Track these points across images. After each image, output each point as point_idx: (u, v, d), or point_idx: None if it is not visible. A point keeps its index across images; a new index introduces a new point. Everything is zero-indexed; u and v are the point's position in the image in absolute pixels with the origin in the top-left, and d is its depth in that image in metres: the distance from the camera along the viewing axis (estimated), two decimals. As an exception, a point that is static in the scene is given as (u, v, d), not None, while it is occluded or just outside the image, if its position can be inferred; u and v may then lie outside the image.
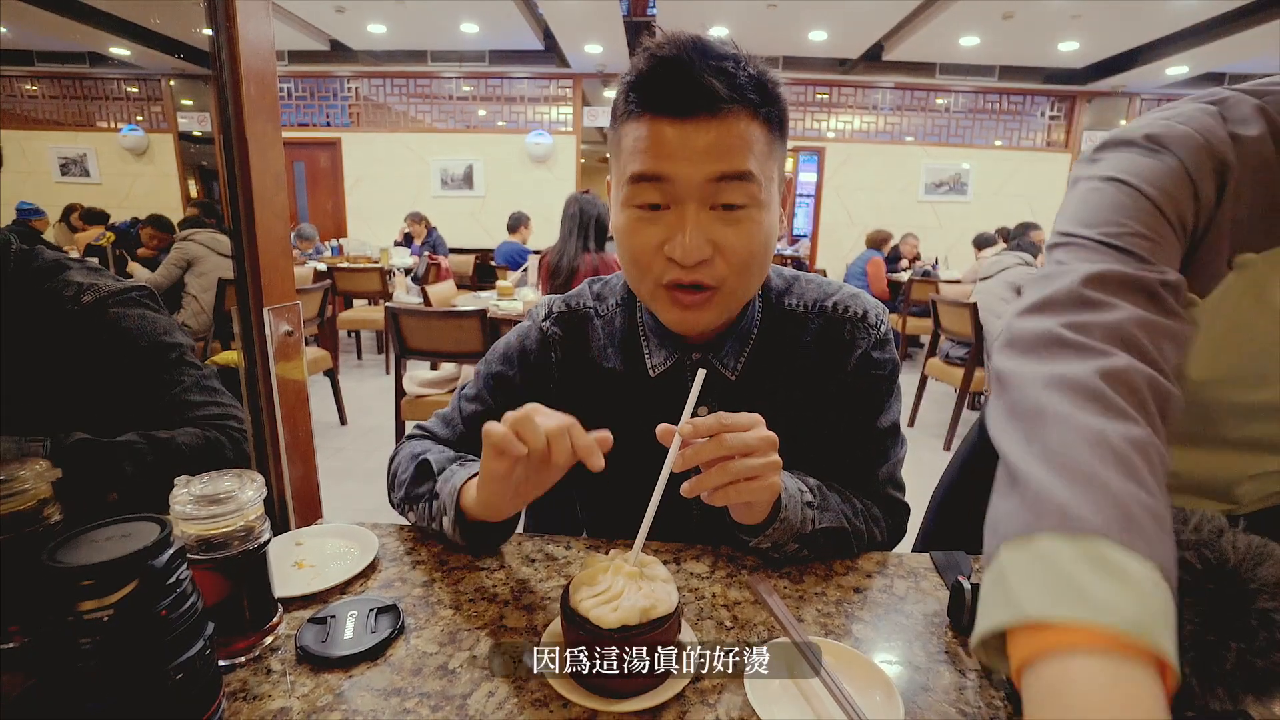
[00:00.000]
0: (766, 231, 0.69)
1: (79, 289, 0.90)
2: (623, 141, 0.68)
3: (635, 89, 0.66)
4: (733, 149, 0.64)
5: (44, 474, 0.56)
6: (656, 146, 0.64)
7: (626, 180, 0.67)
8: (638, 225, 0.68)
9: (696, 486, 0.59)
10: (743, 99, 0.64)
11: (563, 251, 2.83)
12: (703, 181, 0.64)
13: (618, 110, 0.69)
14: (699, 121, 0.63)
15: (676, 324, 0.73)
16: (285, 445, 0.82)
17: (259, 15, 0.76)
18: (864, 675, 0.54)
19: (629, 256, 0.71)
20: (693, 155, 0.63)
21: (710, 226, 0.66)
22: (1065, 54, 6.93)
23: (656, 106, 0.64)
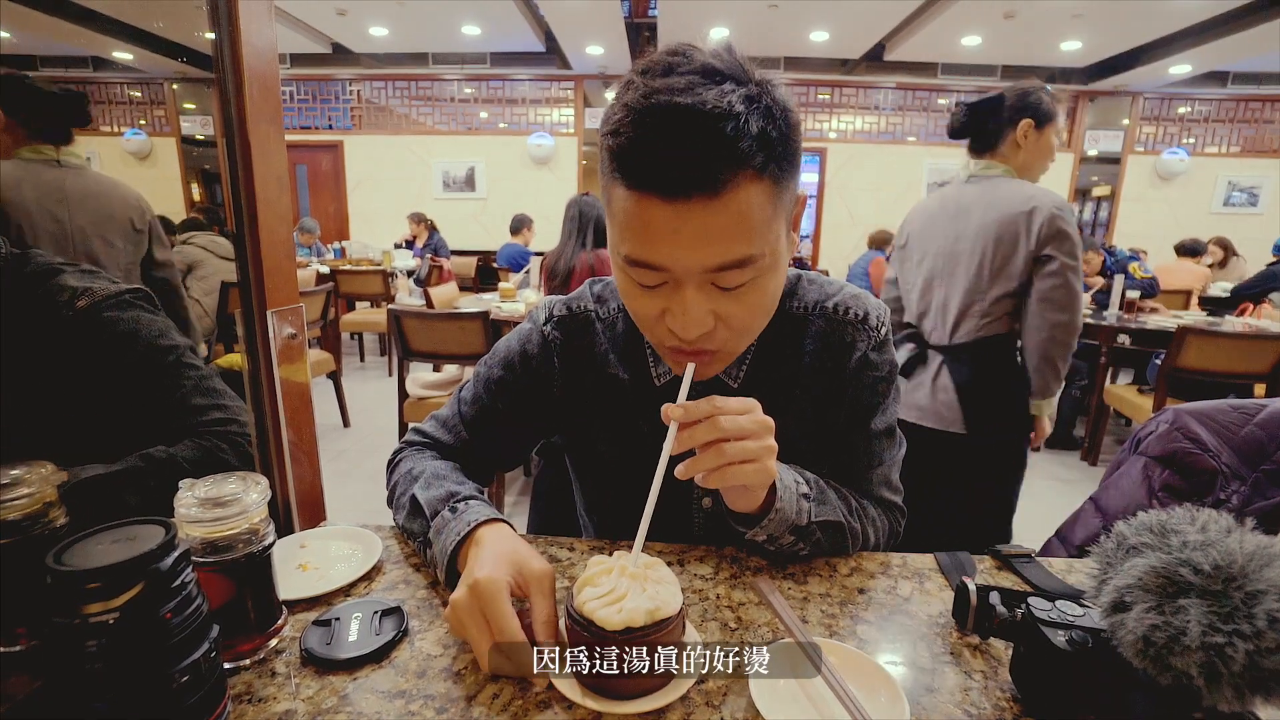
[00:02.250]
0: (772, 291, 0.65)
1: (74, 293, 0.89)
2: (613, 204, 0.61)
3: (618, 159, 0.57)
4: (732, 233, 0.57)
5: (49, 477, 0.57)
6: (647, 231, 0.57)
7: (621, 257, 0.62)
8: (635, 294, 0.64)
9: (691, 468, 0.59)
10: (744, 167, 0.55)
11: (561, 253, 2.84)
12: (700, 270, 0.59)
13: (604, 166, 0.61)
14: (693, 203, 0.55)
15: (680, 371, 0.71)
16: (289, 448, 0.82)
17: (261, 18, 0.76)
18: (868, 676, 0.54)
19: (631, 314, 0.68)
20: (687, 242, 0.57)
21: (711, 300, 0.61)
22: (1067, 53, 6.92)
23: (643, 184, 0.56)
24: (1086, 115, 7.82)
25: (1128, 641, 0.44)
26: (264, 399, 0.80)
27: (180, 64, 7.31)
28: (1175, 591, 0.44)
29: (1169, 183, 7.90)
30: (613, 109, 0.58)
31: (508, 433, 0.87)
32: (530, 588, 0.58)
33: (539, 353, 0.84)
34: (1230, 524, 0.47)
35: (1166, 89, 7.65)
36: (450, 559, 0.65)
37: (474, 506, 0.69)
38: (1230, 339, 3.04)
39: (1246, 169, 7.83)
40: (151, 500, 0.79)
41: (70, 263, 0.95)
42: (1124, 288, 3.91)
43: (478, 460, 0.86)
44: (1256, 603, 0.41)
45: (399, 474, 0.81)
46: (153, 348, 0.93)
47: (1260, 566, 0.43)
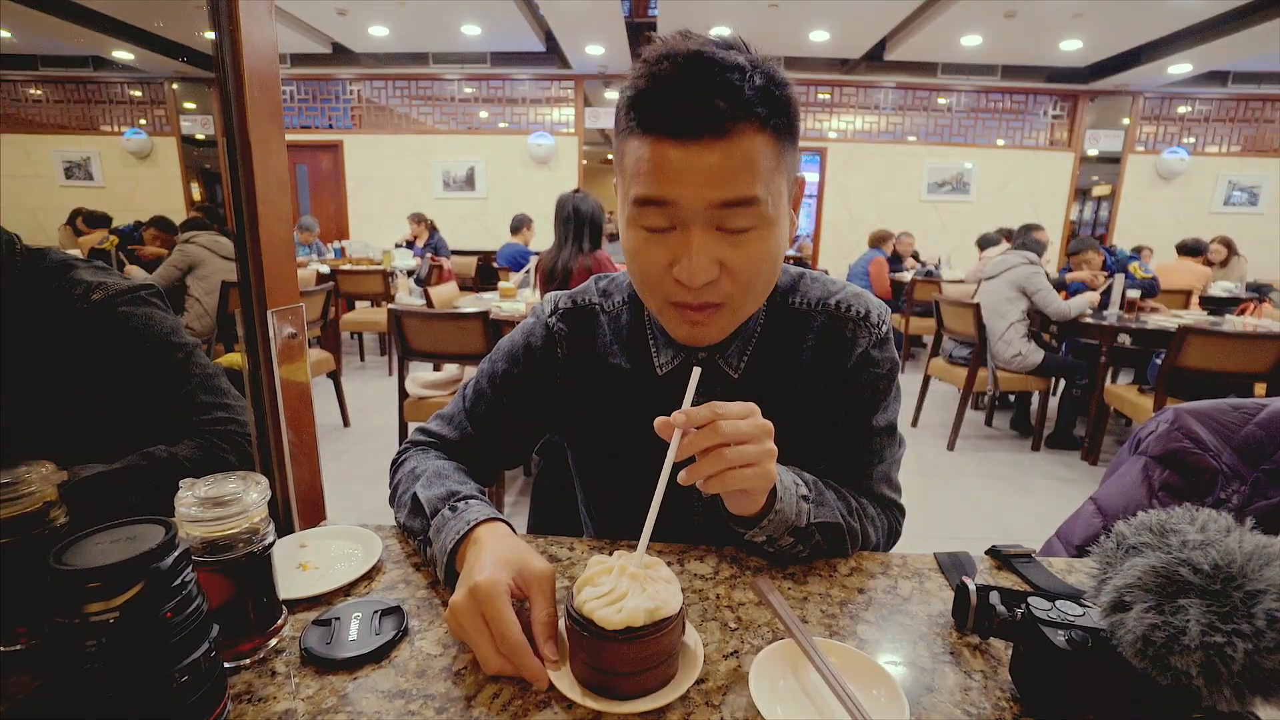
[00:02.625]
0: (774, 248, 0.68)
1: (87, 287, 0.90)
2: (625, 158, 0.67)
3: (635, 107, 0.64)
4: (738, 172, 0.62)
5: (50, 476, 0.57)
6: (659, 170, 0.63)
7: (631, 201, 0.66)
8: (645, 246, 0.67)
9: (692, 474, 0.59)
10: (749, 115, 0.61)
11: (557, 255, 2.83)
12: (706, 206, 0.63)
13: (619, 124, 0.67)
14: (703, 143, 0.61)
15: (685, 339, 0.74)
16: (289, 447, 0.82)
17: (262, 18, 0.76)
18: (868, 676, 0.54)
19: (638, 275, 0.71)
20: (697, 179, 0.62)
21: (716, 247, 0.65)
22: (1068, 53, 6.92)
23: (657, 128, 0.62)
24: (1087, 115, 7.82)
25: (1127, 641, 0.44)
26: (264, 398, 0.80)
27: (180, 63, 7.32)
28: (1175, 591, 0.44)
29: (1169, 182, 7.90)
30: (632, 71, 0.65)
31: (513, 427, 0.87)
32: (530, 588, 0.58)
33: (543, 345, 0.85)
34: (1230, 524, 0.47)
35: (1167, 88, 7.65)
36: (449, 558, 0.65)
37: (473, 506, 0.69)
38: (1231, 338, 3.04)
39: (1247, 168, 7.83)
40: (152, 499, 0.80)
41: (83, 259, 0.97)
42: (1124, 287, 3.92)
43: (483, 456, 0.86)
44: (1256, 602, 0.41)
45: (402, 472, 0.82)
46: (163, 343, 0.94)
47: (1260, 566, 0.43)
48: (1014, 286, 3.66)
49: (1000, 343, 3.63)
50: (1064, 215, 7.98)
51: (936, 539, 2.66)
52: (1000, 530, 2.80)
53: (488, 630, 0.54)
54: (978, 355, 3.62)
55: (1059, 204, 7.96)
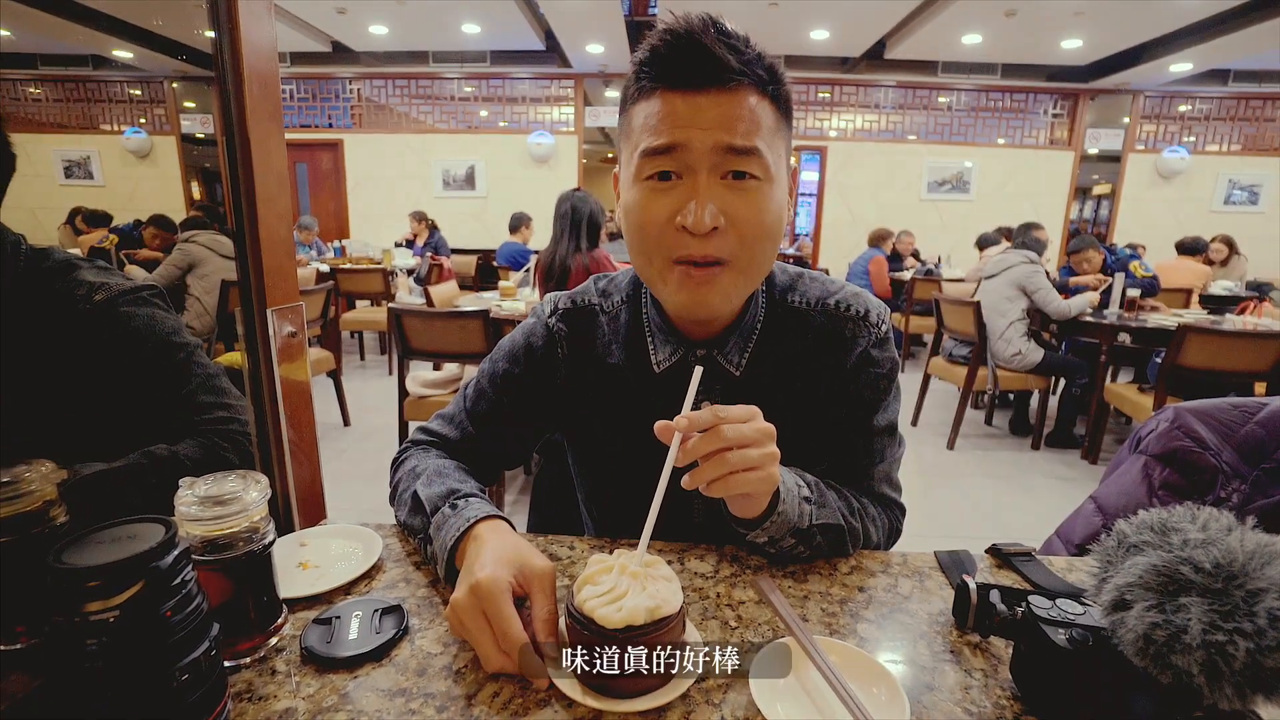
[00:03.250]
0: (776, 206, 0.69)
1: (90, 288, 0.90)
2: (633, 121, 0.69)
3: (648, 64, 0.67)
4: (741, 121, 0.65)
5: (49, 475, 0.57)
6: (669, 118, 0.65)
7: (638, 156, 0.68)
8: (649, 197, 0.68)
9: (695, 479, 0.59)
10: (751, 74, 0.65)
11: (554, 252, 2.82)
12: (712, 149, 0.65)
13: (628, 93, 0.70)
14: (709, 94, 0.64)
15: (686, 304, 0.71)
16: (289, 446, 0.82)
17: (261, 17, 0.76)
18: (869, 674, 0.54)
19: (639, 232, 0.70)
20: (703, 124, 0.64)
21: (721, 196, 0.66)
22: (1068, 51, 6.91)
23: (668, 80, 0.65)
24: (1087, 113, 7.81)
25: (1128, 640, 0.44)
26: (264, 397, 0.80)
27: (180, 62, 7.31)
28: (1176, 590, 0.44)
29: (1169, 181, 7.90)
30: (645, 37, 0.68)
31: (514, 427, 0.87)
32: (531, 586, 0.58)
33: (544, 345, 0.85)
34: (1231, 522, 0.47)
35: (1167, 87, 7.65)
36: (449, 555, 0.65)
37: (473, 503, 0.69)
38: (1231, 337, 3.04)
39: (1247, 167, 7.83)
40: (152, 498, 0.80)
41: (86, 259, 0.97)
42: (1125, 286, 3.91)
43: (484, 456, 0.86)
44: (1258, 601, 0.41)
45: (403, 471, 0.82)
46: (165, 344, 0.94)
47: (1261, 565, 0.43)
48: (1014, 285, 3.66)
49: (1000, 341, 3.63)
50: (1064, 214, 7.98)
51: (937, 538, 2.66)
52: (1000, 529, 2.80)
53: (489, 628, 0.54)
54: (978, 354, 3.62)
55: (1059, 203, 7.95)
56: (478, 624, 0.55)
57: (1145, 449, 1.02)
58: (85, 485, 0.77)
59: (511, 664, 0.54)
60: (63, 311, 0.89)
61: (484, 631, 0.54)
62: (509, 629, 0.54)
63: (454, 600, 0.56)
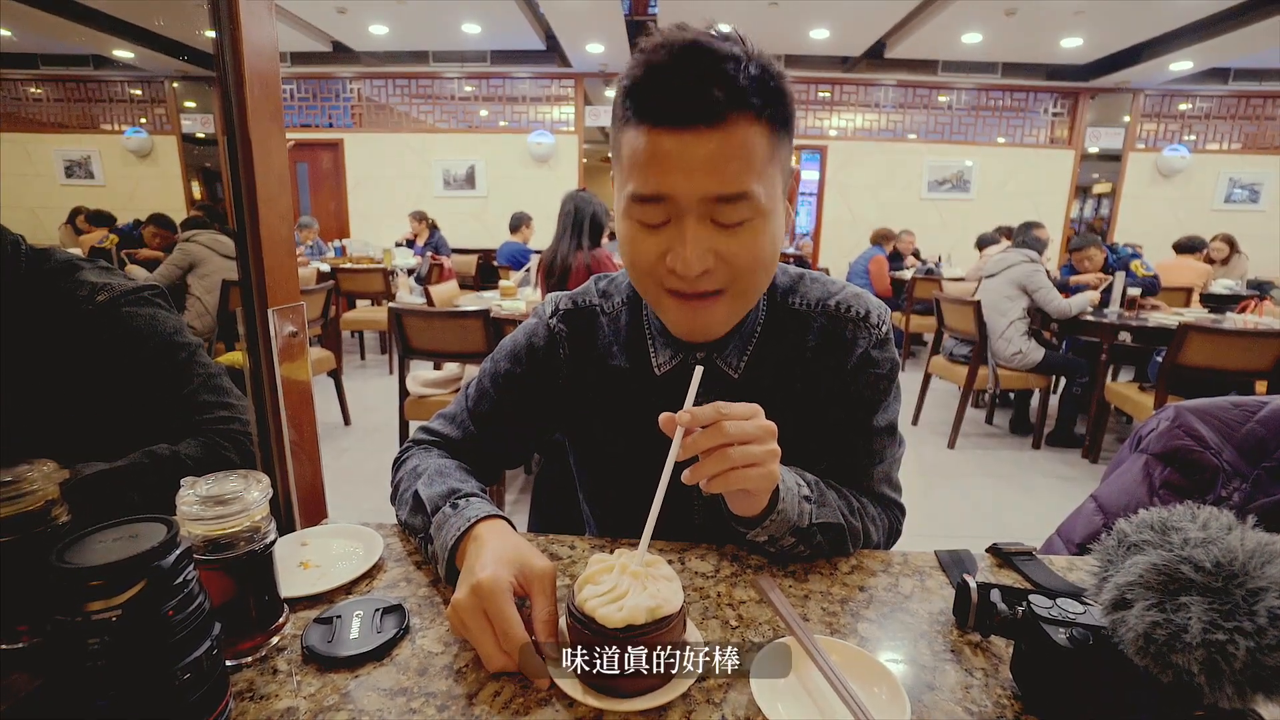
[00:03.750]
0: (770, 239, 0.68)
1: (93, 288, 0.91)
2: (622, 148, 0.67)
3: (631, 96, 0.64)
4: (732, 163, 0.62)
5: (51, 475, 0.57)
6: (654, 161, 0.63)
7: (626, 196, 0.66)
8: (639, 236, 0.68)
9: (695, 474, 0.59)
10: (743, 105, 0.61)
11: (556, 250, 2.83)
12: (700, 200, 0.63)
13: (616, 115, 0.68)
14: (697, 133, 0.61)
15: (685, 328, 0.73)
16: (290, 446, 0.82)
17: (262, 17, 0.76)
18: (869, 674, 0.54)
19: (631, 265, 0.71)
20: (691, 170, 0.62)
21: (711, 237, 0.65)
22: (1068, 50, 6.91)
23: (652, 117, 0.62)
24: (1087, 112, 7.80)
25: (1129, 639, 0.44)
26: (265, 397, 0.80)
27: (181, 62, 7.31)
28: (1176, 589, 0.44)
29: (1170, 180, 7.89)
30: (631, 57, 0.65)
31: (515, 426, 0.87)
32: (532, 586, 0.58)
33: (545, 345, 0.85)
34: (1231, 521, 0.47)
35: (1167, 86, 7.64)
36: (450, 555, 0.65)
37: (474, 503, 0.69)
38: (1232, 336, 3.03)
39: (1248, 166, 7.82)
40: (154, 498, 0.80)
41: (88, 259, 0.97)
42: (1125, 285, 3.91)
43: (485, 455, 0.86)
44: (1258, 600, 0.41)
45: (404, 471, 0.82)
46: (167, 344, 0.95)
47: (1261, 564, 0.43)
48: (1014, 284, 3.65)
49: (1001, 341, 3.63)
50: (1064, 213, 7.97)
51: (937, 537, 2.66)
52: (1001, 528, 2.80)
53: (490, 628, 0.55)
54: (978, 353, 3.62)
55: (1059, 202, 7.95)
56: (479, 624, 0.55)
57: (1146, 448, 1.02)
58: (87, 485, 0.77)
59: (513, 663, 0.54)
60: (66, 312, 0.89)
61: (485, 631, 0.55)
62: (510, 629, 0.54)
63: (455, 600, 0.57)
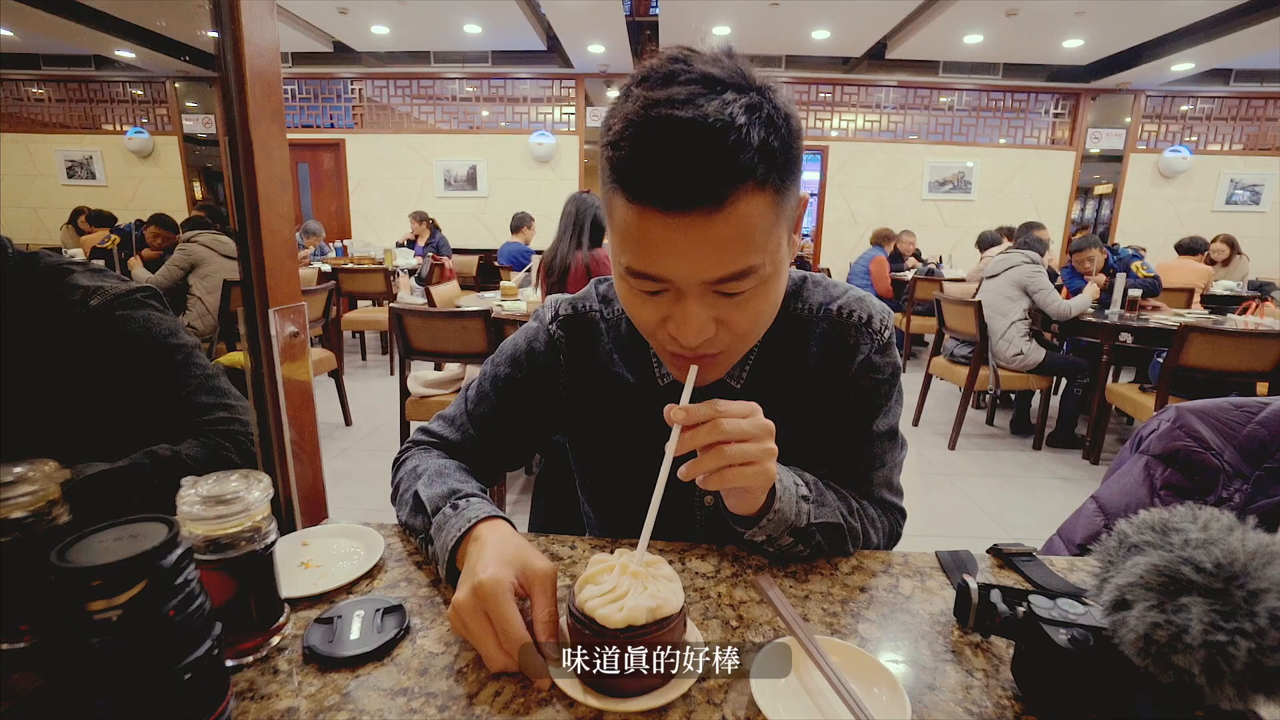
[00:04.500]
0: (774, 298, 0.65)
1: (86, 292, 0.90)
2: (614, 214, 0.60)
3: (618, 172, 0.56)
4: (734, 244, 0.56)
5: (53, 475, 0.57)
6: (648, 244, 0.57)
7: (622, 264, 0.61)
8: (637, 300, 0.64)
9: (692, 470, 0.59)
10: (746, 179, 0.54)
11: (556, 250, 2.83)
12: (700, 283, 0.59)
13: (603, 174, 0.61)
14: (694, 216, 0.54)
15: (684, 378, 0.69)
16: (291, 446, 0.82)
17: (264, 17, 0.76)
18: (870, 674, 0.54)
19: (631, 319, 0.68)
20: (689, 254, 0.56)
21: (714, 305, 0.61)
22: (1069, 51, 6.90)
23: (644, 198, 0.55)
24: (1088, 113, 7.80)
25: (1129, 640, 0.44)
26: (266, 397, 0.80)
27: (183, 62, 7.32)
28: (1177, 590, 0.44)
29: (1171, 181, 7.89)
30: (612, 118, 0.57)
31: (514, 430, 0.87)
32: (532, 587, 0.58)
33: (545, 350, 0.84)
34: (1232, 522, 0.47)
35: (1169, 87, 7.63)
36: (450, 555, 0.65)
37: (474, 504, 0.69)
38: (1233, 337, 3.03)
39: (1249, 167, 7.82)
40: (155, 498, 0.80)
41: (79, 262, 0.96)
42: (1126, 286, 3.91)
43: (484, 458, 0.86)
44: (1258, 601, 0.41)
45: (403, 471, 0.82)
46: (162, 346, 0.94)
47: (1262, 565, 0.43)
48: (1015, 285, 3.65)
49: (1002, 342, 3.62)
50: (1065, 214, 7.97)
51: (938, 538, 2.66)
52: (1001, 529, 2.80)
53: (491, 628, 0.55)
54: (979, 354, 3.62)
55: (1060, 203, 7.94)
56: (480, 624, 0.55)
57: (1147, 449, 1.02)
58: (87, 487, 0.77)
59: (513, 664, 0.54)
60: (59, 316, 0.88)
61: (486, 632, 0.55)
62: (510, 629, 0.54)
63: (456, 600, 0.57)
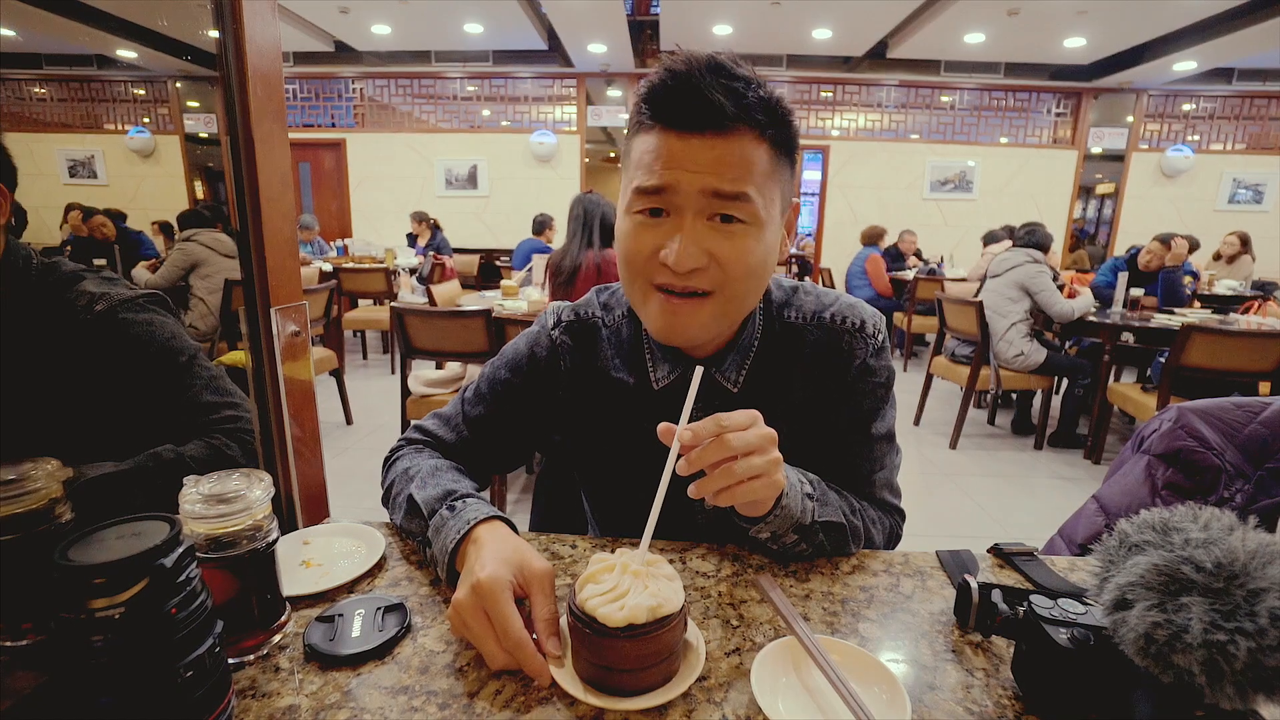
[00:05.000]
0: (765, 248, 0.69)
1: (91, 298, 0.92)
2: (632, 153, 0.70)
3: (647, 100, 0.67)
4: (733, 167, 0.65)
5: (55, 473, 0.57)
6: (661, 158, 0.66)
7: (631, 191, 0.69)
8: (637, 230, 0.69)
9: (701, 489, 0.60)
10: (748, 119, 0.65)
11: (567, 251, 2.84)
12: (700, 192, 0.65)
13: (631, 122, 0.71)
14: (704, 137, 0.65)
15: (665, 327, 0.71)
16: (292, 445, 0.82)
17: (265, 17, 0.76)
18: (870, 673, 0.54)
19: (626, 260, 0.72)
20: (694, 167, 0.65)
21: (707, 237, 0.66)
22: (1071, 50, 6.89)
23: (665, 119, 0.66)
24: (1090, 112, 7.78)
25: (1130, 639, 0.44)
26: (267, 396, 0.80)
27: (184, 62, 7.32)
28: (1177, 589, 0.44)
29: (1173, 180, 7.87)
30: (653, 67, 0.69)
31: (509, 435, 0.87)
32: (531, 586, 0.58)
33: (546, 356, 0.85)
34: (1233, 522, 0.47)
35: (1171, 86, 7.62)
36: (450, 558, 0.65)
37: (471, 504, 0.69)
38: (1235, 337, 3.03)
39: (1251, 166, 7.80)
40: (159, 499, 0.80)
41: (91, 269, 0.98)
42: (1128, 286, 3.90)
43: (477, 459, 0.86)
44: (1259, 600, 0.41)
45: (395, 473, 0.82)
46: (166, 349, 0.96)
47: (1263, 564, 0.43)
48: (1017, 286, 3.64)
49: (1002, 342, 3.62)
50: (1067, 213, 7.95)
51: (939, 537, 2.66)
52: (1002, 529, 2.79)
53: (491, 627, 0.55)
54: (980, 354, 3.61)
55: (1062, 202, 7.93)
56: (479, 623, 0.55)
57: (1148, 449, 1.02)
58: (92, 488, 0.78)
59: (514, 662, 0.54)
60: (65, 321, 0.90)
61: (486, 630, 0.55)
62: (510, 627, 0.54)
63: (456, 600, 0.57)
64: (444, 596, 0.67)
